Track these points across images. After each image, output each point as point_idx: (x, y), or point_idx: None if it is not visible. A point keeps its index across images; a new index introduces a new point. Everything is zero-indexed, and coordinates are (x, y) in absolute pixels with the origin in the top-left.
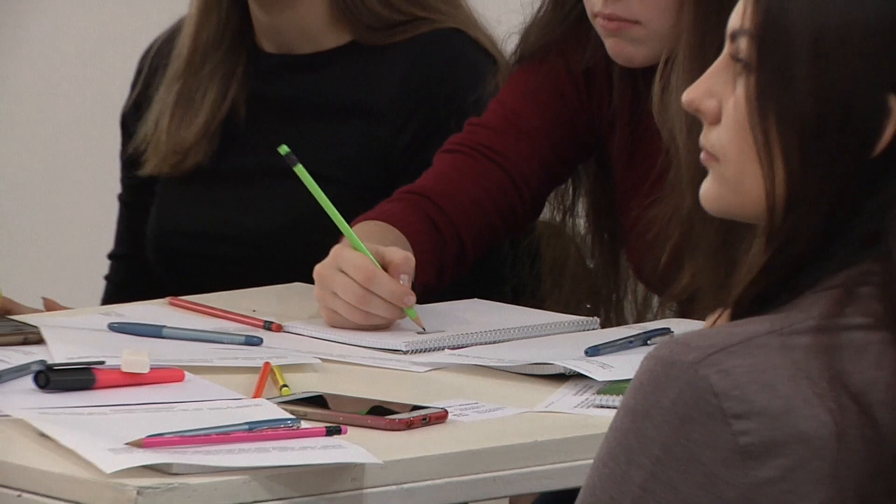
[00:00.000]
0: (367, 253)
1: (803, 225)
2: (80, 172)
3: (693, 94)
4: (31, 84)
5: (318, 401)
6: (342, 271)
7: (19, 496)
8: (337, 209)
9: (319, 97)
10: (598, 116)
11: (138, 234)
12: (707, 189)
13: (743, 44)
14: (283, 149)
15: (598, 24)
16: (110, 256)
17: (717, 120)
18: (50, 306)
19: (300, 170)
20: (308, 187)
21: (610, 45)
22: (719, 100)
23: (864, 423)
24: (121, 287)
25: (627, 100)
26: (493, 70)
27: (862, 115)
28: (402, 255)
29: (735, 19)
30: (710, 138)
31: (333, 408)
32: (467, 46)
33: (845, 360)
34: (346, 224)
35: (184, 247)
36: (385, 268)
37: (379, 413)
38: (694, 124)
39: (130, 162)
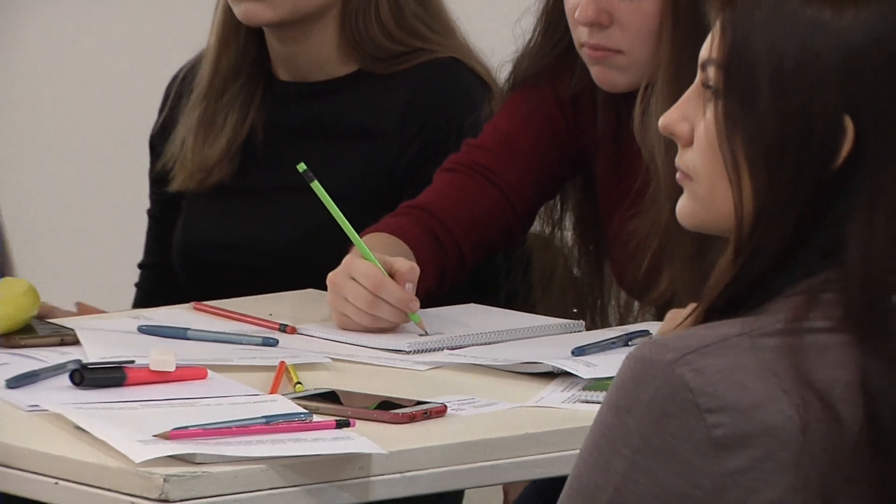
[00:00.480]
0: (375, 262)
1: (769, 237)
2: (112, 189)
3: (668, 119)
4: (70, 101)
5: (330, 396)
6: (353, 279)
7: (56, 483)
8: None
9: (330, 121)
10: (585, 137)
11: (165, 245)
12: (682, 206)
13: (712, 72)
14: (301, 167)
15: (585, 53)
16: (140, 266)
17: (689, 142)
18: (83, 310)
19: (316, 185)
20: (323, 201)
21: (595, 72)
22: (692, 124)
23: (827, 418)
24: (149, 293)
25: (611, 122)
26: (488, 96)
27: (821, 134)
28: (407, 265)
29: (705, 50)
30: (684, 159)
31: (345, 403)
32: (464, 74)
33: (809, 360)
34: (356, 235)
35: (207, 257)
36: (392, 276)
37: (385, 407)
38: (671, 144)
39: (158, 179)
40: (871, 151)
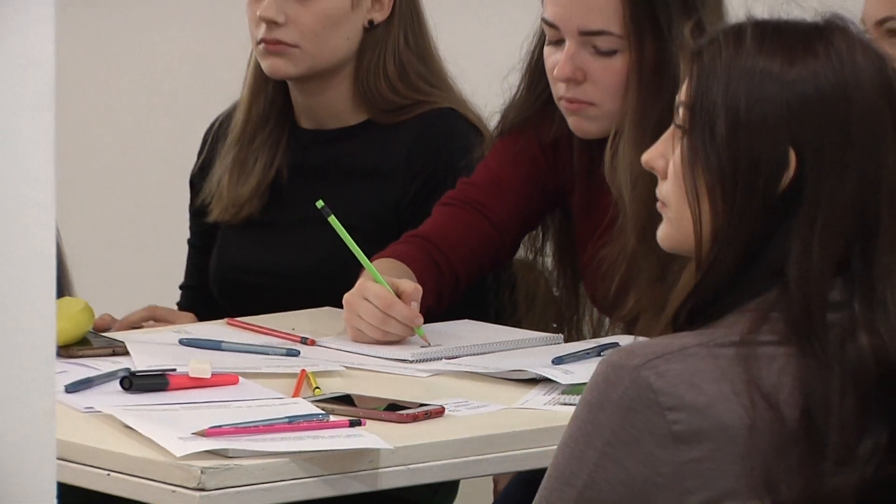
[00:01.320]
0: (385, 285)
1: (724, 254)
2: (159, 221)
3: (649, 156)
4: (125, 143)
5: (345, 399)
6: (366, 299)
7: (108, 475)
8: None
9: (344, 163)
10: (562, 177)
11: (203, 270)
12: (660, 231)
13: (681, 113)
14: (320, 203)
15: (562, 105)
16: (181, 287)
17: (665, 175)
18: (155, 312)
19: (333, 219)
20: (338, 232)
21: (571, 122)
22: (667, 160)
23: (771, 417)
24: (189, 310)
25: (585, 164)
26: (480, 141)
27: (767, 164)
28: (412, 287)
29: (679, 94)
30: (662, 190)
31: (357, 405)
32: (459, 122)
33: (759, 367)
34: (368, 261)
35: (239, 279)
36: (399, 296)
37: (392, 409)
38: (637, 183)
39: (197, 213)
40: (809, 180)
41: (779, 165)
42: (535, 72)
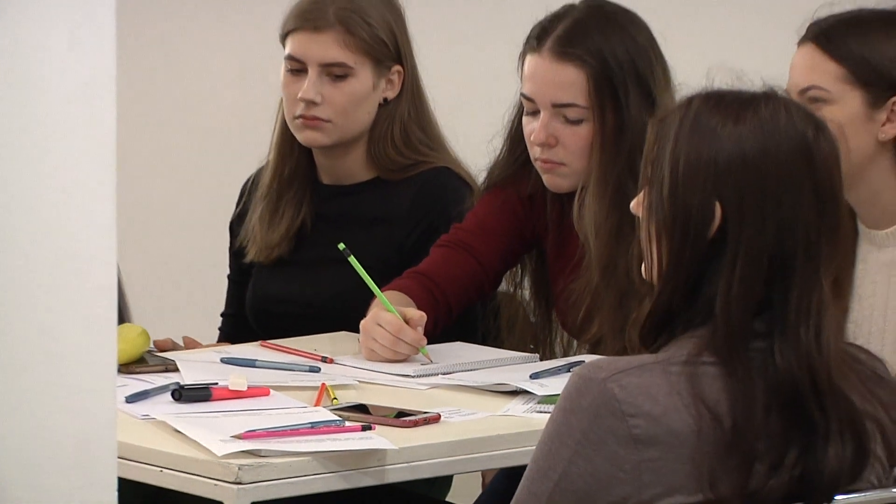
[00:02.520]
0: (395, 313)
1: (667, 290)
2: (205, 260)
3: (632, 205)
4: (173, 187)
5: (358, 408)
6: (379, 325)
7: (161, 471)
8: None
9: (357, 213)
10: (538, 224)
11: (241, 300)
12: (643, 267)
13: (644, 169)
14: (341, 246)
15: (538, 165)
16: (222, 315)
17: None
18: (189, 343)
19: (352, 259)
20: (356, 269)
21: (545, 179)
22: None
23: (714, 426)
24: (228, 335)
25: (556, 213)
26: (470, 194)
27: (697, 216)
28: (417, 314)
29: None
30: (640, 232)
31: (372, 413)
32: (453, 178)
33: (703, 384)
34: (380, 293)
35: (270, 309)
36: (406, 322)
37: (397, 416)
38: (599, 229)
39: (236, 254)
40: (732, 229)
41: (707, 216)
42: (515, 137)
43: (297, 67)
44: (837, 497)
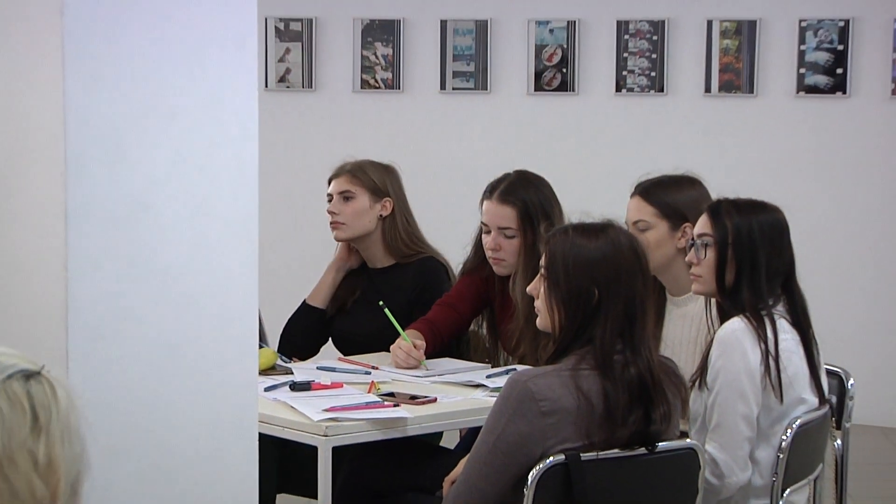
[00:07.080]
0: (408, 340)
1: (565, 334)
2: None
3: (530, 288)
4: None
5: (391, 394)
6: (400, 348)
7: (283, 429)
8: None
9: (386, 285)
10: (491, 293)
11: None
12: (538, 321)
13: (542, 268)
14: (381, 303)
15: (490, 261)
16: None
17: (538, 296)
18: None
19: (387, 310)
20: (388, 316)
21: (495, 268)
22: (538, 290)
23: (588, 405)
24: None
25: (501, 287)
26: (451, 276)
27: (582, 296)
28: (420, 342)
29: (541, 260)
30: (537, 304)
31: (397, 397)
32: (439, 266)
33: (581, 381)
34: (402, 330)
35: (343, 338)
36: (414, 346)
37: (412, 398)
38: (524, 297)
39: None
40: (604, 302)
41: (588, 295)
42: (478, 245)
43: (329, 198)
44: (659, 443)
